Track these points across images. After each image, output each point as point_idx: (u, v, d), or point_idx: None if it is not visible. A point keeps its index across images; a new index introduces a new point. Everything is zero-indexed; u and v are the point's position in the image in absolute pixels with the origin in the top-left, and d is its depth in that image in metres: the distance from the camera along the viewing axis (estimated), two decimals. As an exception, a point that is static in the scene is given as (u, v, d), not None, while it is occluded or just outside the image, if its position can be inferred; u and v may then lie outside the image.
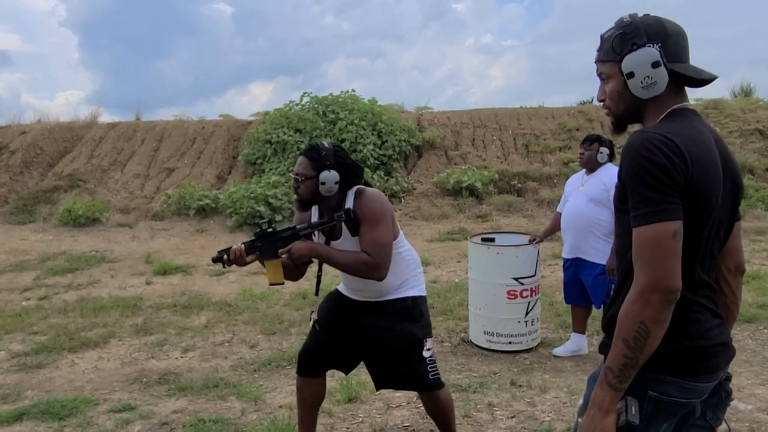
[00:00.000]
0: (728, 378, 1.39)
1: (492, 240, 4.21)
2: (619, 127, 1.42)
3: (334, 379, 3.38)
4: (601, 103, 1.42)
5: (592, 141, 3.81)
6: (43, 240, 8.84)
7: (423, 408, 3.15)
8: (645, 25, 1.29)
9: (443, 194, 10.05)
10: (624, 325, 1.20)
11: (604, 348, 1.37)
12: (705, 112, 11.82)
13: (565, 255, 3.94)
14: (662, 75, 1.27)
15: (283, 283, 2.30)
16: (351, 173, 2.30)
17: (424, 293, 2.46)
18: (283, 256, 2.24)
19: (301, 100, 11.24)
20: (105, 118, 13.33)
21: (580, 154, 3.84)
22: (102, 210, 9.53)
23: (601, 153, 3.77)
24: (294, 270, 2.37)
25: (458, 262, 7.04)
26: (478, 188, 9.86)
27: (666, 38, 1.29)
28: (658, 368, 1.26)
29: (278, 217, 9.11)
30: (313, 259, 2.34)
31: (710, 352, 1.29)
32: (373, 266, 2.22)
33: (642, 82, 1.28)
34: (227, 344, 4.45)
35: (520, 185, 10.13)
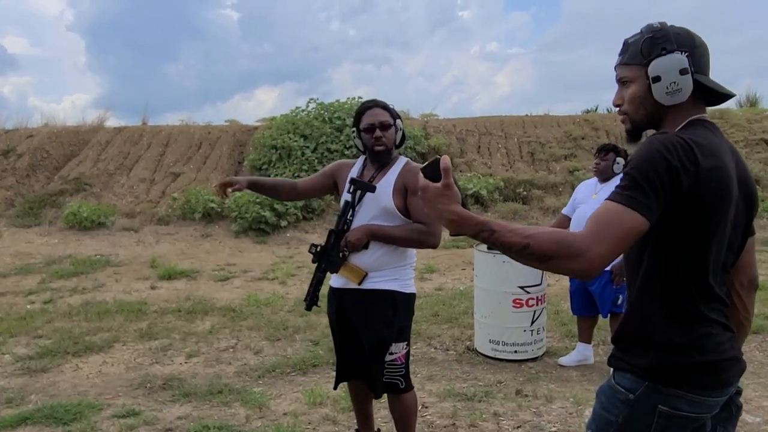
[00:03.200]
0: (739, 392, 1.38)
1: (498, 248, 4.19)
2: (634, 134, 1.40)
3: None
4: (617, 108, 1.40)
5: (608, 151, 3.78)
6: (48, 243, 8.87)
7: (429, 417, 3.14)
8: (674, 33, 1.29)
9: (448, 201, 10.04)
10: (545, 244, 1.12)
11: (612, 360, 1.36)
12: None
13: None
14: (688, 83, 1.27)
15: (366, 274, 2.35)
16: (404, 128, 2.48)
17: (410, 290, 2.43)
18: (346, 254, 2.33)
19: (308, 106, 11.29)
20: (112, 122, 13.41)
21: (596, 164, 3.79)
22: (107, 214, 9.56)
23: (618, 164, 3.74)
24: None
25: (463, 269, 7.03)
26: (483, 196, 9.85)
27: (694, 48, 1.29)
28: (668, 382, 1.25)
29: (283, 223, 9.12)
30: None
31: (721, 366, 1.27)
32: (429, 233, 2.31)
33: (668, 88, 1.27)
34: (231, 350, 4.44)
35: (525, 193, 10.12)
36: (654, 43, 1.29)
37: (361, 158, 2.51)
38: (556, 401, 3.34)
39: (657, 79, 1.27)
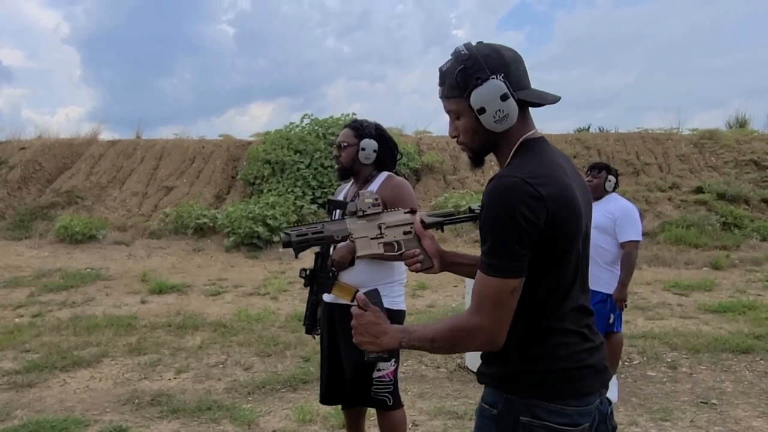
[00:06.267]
0: (611, 411, 1.36)
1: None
2: (477, 161, 1.39)
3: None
4: (455, 139, 1.37)
5: (601, 169, 3.81)
6: (38, 256, 8.80)
7: (418, 435, 3.12)
8: (484, 56, 1.25)
9: (441, 218, 10.06)
10: (445, 334, 1.24)
11: (478, 376, 1.38)
12: (700, 142, 11.95)
13: None
14: (512, 106, 1.24)
15: (357, 291, 2.37)
16: (388, 147, 2.50)
17: (399, 307, 2.46)
18: (335, 273, 2.39)
19: (302, 121, 11.33)
20: (105, 135, 13.41)
21: (588, 181, 3.77)
22: (99, 227, 9.51)
23: (609, 181, 3.77)
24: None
25: (455, 286, 7.03)
26: (475, 213, 9.88)
27: (507, 67, 1.25)
28: (523, 392, 1.26)
29: (276, 238, 9.10)
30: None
31: (575, 374, 1.27)
32: None
33: (494, 117, 1.25)
34: (221, 366, 4.41)
35: (517, 211, 10.16)
36: (467, 74, 1.25)
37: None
38: (546, 420, 3.32)
39: (482, 110, 1.25)
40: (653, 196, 10.49)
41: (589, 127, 14.44)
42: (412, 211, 1.59)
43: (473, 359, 4.17)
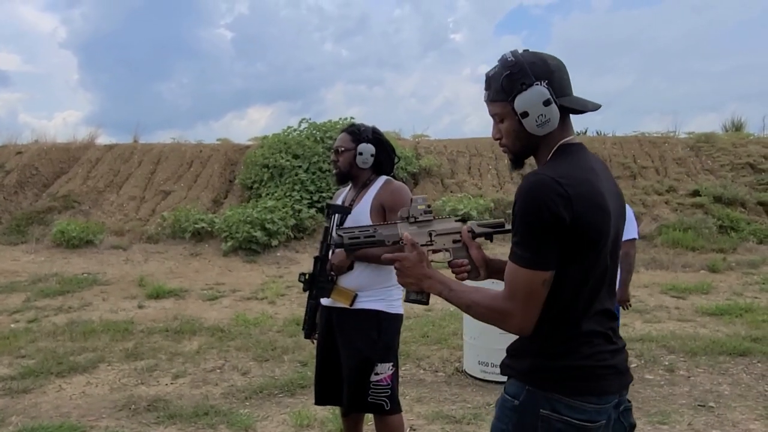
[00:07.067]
0: (628, 408, 1.40)
1: (487, 269, 4.20)
2: (517, 163, 1.45)
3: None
4: (498, 141, 1.44)
5: None
6: (35, 261, 8.77)
7: (416, 440, 3.11)
8: (529, 63, 1.32)
9: (438, 222, 10.06)
10: (480, 309, 1.33)
11: (502, 368, 1.41)
12: (697, 145, 11.99)
13: None
14: (554, 112, 1.31)
15: (356, 294, 2.40)
16: (386, 151, 2.50)
17: (396, 311, 2.45)
18: (334, 277, 2.39)
19: (300, 125, 11.33)
20: (103, 139, 13.37)
21: None
22: (96, 232, 9.48)
23: None
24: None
25: (453, 290, 7.02)
26: (473, 216, 9.88)
27: (551, 75, 1.32)
28: (544, 385, 1.30)
29: (274, 242, 9.09)
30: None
31: (597, 373, 1.30)
32: None
33: (537, 121, 1.31)
34: (219, 371, 4.40)
35: (515, 214, 10.17)
36: (512, 79, 1.32)
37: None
38: (544, 424, 3.32)
39: (525, 114, 1.31)
40: (650, 199, 10.52)
41: (586, 131, 14.49)
42: (463, 220, 1.61)
43: (471, 363, 4.17)
